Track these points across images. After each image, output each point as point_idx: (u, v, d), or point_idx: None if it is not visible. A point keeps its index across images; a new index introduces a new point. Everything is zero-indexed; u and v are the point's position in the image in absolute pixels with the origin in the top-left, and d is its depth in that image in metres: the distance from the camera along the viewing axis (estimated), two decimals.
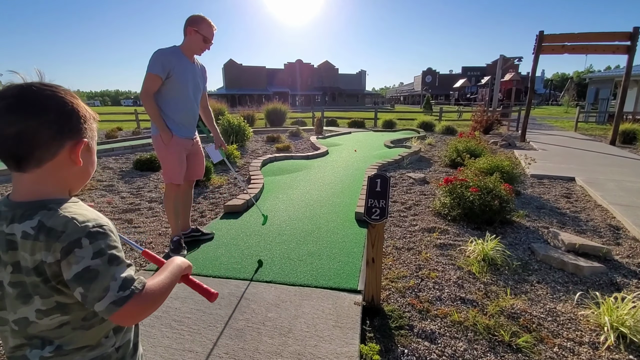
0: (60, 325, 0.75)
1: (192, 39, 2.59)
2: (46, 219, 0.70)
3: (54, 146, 0.72)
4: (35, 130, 0.70)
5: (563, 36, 10.14)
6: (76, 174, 0.80)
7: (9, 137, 0.69)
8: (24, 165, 0.72)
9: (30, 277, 0.70)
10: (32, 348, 0.76)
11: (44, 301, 0.72)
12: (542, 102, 56.33)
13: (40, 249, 0.68)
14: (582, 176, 5.74)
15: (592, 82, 21.87)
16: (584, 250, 2.93)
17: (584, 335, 1.97)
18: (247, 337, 1.83)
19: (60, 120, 0.73)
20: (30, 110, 0.70)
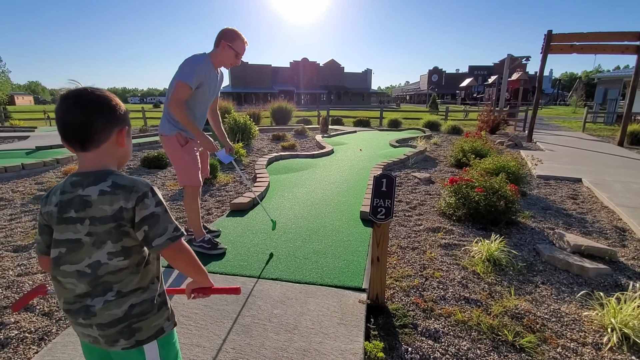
0: (120, 270, 0.97)
1: (225, 53, 2.60)
2: (118, 180, 0.95)
3: (105, 132, 0.97)
4: (92, 121, 0.94)
5: (572, 36, 10.04)
6: (121, 153, 1.05)
7: (74, 126, 0.94)
8: (87, 146, 0.96)
9: (106, 225, 0.93)
10: (95, 296, 0.96)
11: (113, 245, 0.95)
12: (550, 102, 55.78)
13: (119, 200, 0.93)
14: (589, 177, 5.70)
15: (600, 82, 21.62)
16: (590, 252, 2.93)
17: (588, 336, 1.97)
18: (253, 333, 1.87)
19: (108, 113, 0.97)
20: (89, 106, 0.94)
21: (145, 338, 1.02)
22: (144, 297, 1.01)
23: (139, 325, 1.00)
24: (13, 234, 3.40)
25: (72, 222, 0.95)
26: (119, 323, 0.98)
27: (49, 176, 5.77)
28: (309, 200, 4.32)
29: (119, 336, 0.98)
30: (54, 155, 7.09)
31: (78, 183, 0.96)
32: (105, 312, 0.96)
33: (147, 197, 0.95)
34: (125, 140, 1.04)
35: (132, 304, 0.99)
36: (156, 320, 1.04)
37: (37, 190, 4.93)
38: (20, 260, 2.85)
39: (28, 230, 3.47)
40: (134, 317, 0.99)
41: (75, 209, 0.94)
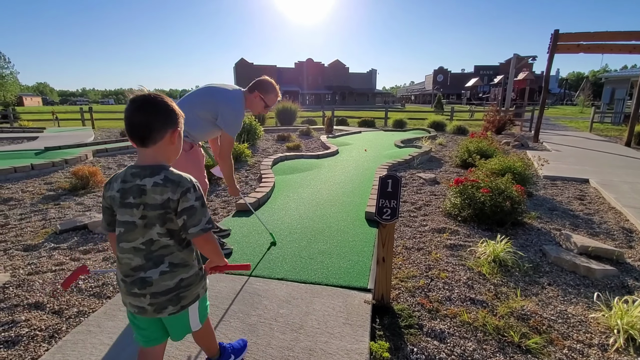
0: (168, 246, 1.20)
1: (256, 102, 2.67)
2: (169, 174, 1.17)
3: (161, 132, 1.17)
4: (152, 122, 1.16)
5: (579, 35, 9.95)
6: (172, 151, 1.26)
7: (138, 126, 1.15)
8: (146, 143, 1.17)
9: (156, 211, 1.16)
10: (150, 268, 1.19)
11: (160, 227, 1.18)
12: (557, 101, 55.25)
13: (167, 191, 1.14)
14: (596, 178, 5.65)
15: (608, 81, 21.37)
16: (597, 253, 2.91)
17: (594, 338, 1.97)
18: (259, 332, 1.89)
19: (165, 116, 1.18)
20: (150, 110, 1.16)
21: (187, 303, 1.27)
22: (191, 273, 1.26)
23: (185, 294, 1.25)
24: (23, 233, 3.46)
25: (130, 207, 1.16)
26: (170, 292, 1.21)
27: (57, 176, 5.85)
28: (315, 201, 4.33)
29: (168, 303, 1.22)
30: (63, 155, 7.18)
31: (137, 174, 1.17)
32: (160, 282, 1.20)
33: (190, 192, 1.17)
34: (176, 140, 1.24)
35: (182, 277, 1.24)
36: (196, 289, 1.30)
37: (46, 190, 5.01)
38: (30, 259, 2.90)
39: (38, 230, 3.53)
40: (182, 288, 1.24)
41: (133, 195, 1.15)
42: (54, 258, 2.92)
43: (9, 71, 32.83)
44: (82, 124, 16.90)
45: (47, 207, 4.27)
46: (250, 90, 2.66)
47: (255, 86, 2.65)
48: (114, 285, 2.49)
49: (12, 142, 10.51)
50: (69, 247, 3.14)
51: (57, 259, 2.89)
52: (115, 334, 1.88)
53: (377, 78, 66.20)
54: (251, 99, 2.67)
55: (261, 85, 2.64)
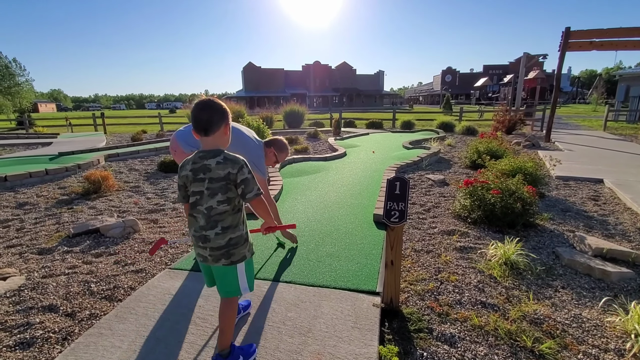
0: (224, 212, 1.57)
1: (269, 156, 3.00)
2: (227, 155, 1.56)
3: (219, 124, 1.56)
4: (212, 118, 1.55)
5: (591, 32, 9.76)
6: (226, 140, 1.64)
7: (203, 120, 1.54)
8: (208, 133, 1.55)
9: (219, 183, 1.54)
10: (210, 229, 1.56)
11: (222, 195, 1.55)
12: (569, 100, 54.25)
13: (227, 167, 1.53)
14: (611, 178, 5.52)
15: (622, 79, 20.88)
16: (612, 255, 2.83)
17: (610, 342, 1.91)
18: (267, 336, 1.88)
19: (221, 113, 1.57)
20: (210, 109, 1.55)
21: (236, 260, 1.61)
22: (237, 234, 1.61)
23: (233, 252, 1.60)
24: (38, 237, 3.53)
25: (200, 181, 1.55)
26: (223, 249, 1.58)
27: (70, 181, 5.97)
28: (322, 203, 4.33)
29: (222, 257, 1.59)
30: (76, 160, 7.33)
31: (203, 157, 1.56)
32: (216, 240, 1.56)
33: (244, 167, 1.56)
34: (228, 132, 1.62)
35: (230, 237, 1.59)
36: (243, 249, 1.63)
37: (59, 194, 5.11)
38: (45, 262, 2.96)
39: (52, 234, 3.60)
40: (231, 246, 1.59)
41: (202, 172, 1.55)
42: (67, 261, 2.97)
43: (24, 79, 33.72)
44: (95, 129, 17.24)
45: (60, 211, 4.36)
46: (267, 145, 3.02)
47: (272, 143, 3.03)
48: (125, 288, 2.52)
49: (27, 148, 10.78)
50: (81, 250, 3.19)
51: (70, 262, 2.95)
52: (126, 336, 1.90)
53: (384, 79, 65.98)
54: (266, 154, 3.00)
55: (276, 144, 3.03)
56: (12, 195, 5.06)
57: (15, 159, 8.10)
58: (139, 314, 2.11)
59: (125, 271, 2.79)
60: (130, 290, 2.50)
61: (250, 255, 1.69)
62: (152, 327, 1.97)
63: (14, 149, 10.72)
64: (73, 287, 2.52)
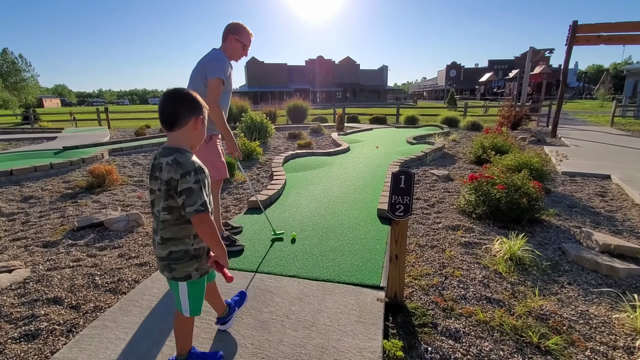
0: (165, 221, 1.38)
1: (234, 46, 2.67)
2: (178, 157, 1.33)
3: (187, 118, 1.38)
4: (178, 110, 1.37)
5: (599, 26, 9.59)
6: (196, 136, 1.46)
7: (167, 113, 1.37)
8: (174, 128, 1.38)
9: (164, 187, 1.34)
10: (155, 234, 1.43)
11: (163, 202, 1.36)
12: (575, 95, 53.61)
13: (172, 171, 1.31)
14: (619, 174, 5.45)
15: (630, 74, 20.59)
16: (620, 252, 2.79)
17: (619, 340, 1.89)
18: (271, 329, 1.88)
19: (189, 105, 1.39)
20: (177, 100, 1.37)
21: (178, 277, 1.43)
22: (180, 248, 1.41)
23: (174, 267, 1.42)
24: (43, 230, 3.55)
25: (155, 179, 1.39)
26: (164, 260, 1.42)
27: (75, 175, 5.99)
28: (326, 198, 4.31)
29: (164, 269, 1.44)
30: (80, 155, 7.35)
31: (162, 154, 1.38)
32: (158, 250, 1.43)
33: (189, 174, 1.31)
34: (200, 127, 1.44)
35: (171, 250, 1.41)
36: (186, 267, 1.43)
37: (64, 188, 5.13)
38: (50, 255, 2.97)
39: (56, 227, 3.62)
40: (172, 260, 1.42)
41: (158, 170, 1.37)
42: (72, 254, 2.98)
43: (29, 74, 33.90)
44: (99, 124, 17.29)
45: (65, 204, 4.38)
46: (224, 40, 2.68)
47: (226, 33, 2.66)
48: (129, 281, 2.53)
49: (32, 142, 10.83)
50: (85, 243, 3.20)
51: (74, 255, 2.96)
52: (130, 329, 1.91)
53: (388, 75, 65.63)
54: (228, 48, 2.68)
55: (232, 29, 2.65)
56: (17, 189, 5.09)
57: (21, 153, 8.14)
58: (143, 306, 2.11)
59: (130, 264, 2.79)
60: (134, 283, 2.50)
61: (199, 276, 1.47)
62: (156, 320, 1.98)
63: (20, 143, 10.78)
64: (78, 280, 2.53)
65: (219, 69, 2.54)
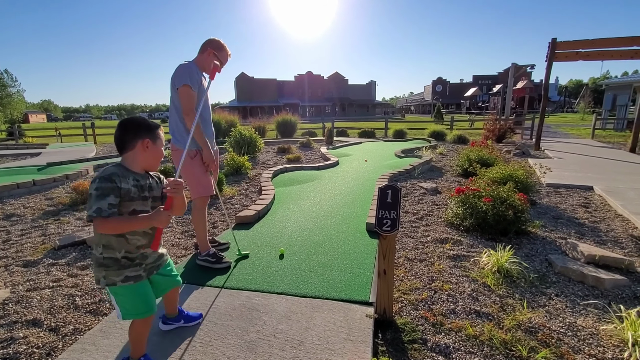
0: None
1: (210, 60, 2.67)
2: (106, 168, 1.51)
3: (133, 143, 1.53)
4: (124, 136, 1.54)
5: (577, 43, 9.98)
6: (147, 157, 1.58)
7: (116, 139, 1.55)
8: (122, 151, 1.54)
9: None
10: None
11: None
12: (557, 109, 55.37)
13: None
14: (601, 185, 5.58)
15: (608, 88, 21.39)
16: (605, 262, 2.83)
17: (607, 351, 1.89)
18: (258, 350, 1.83)
19: (133, 131, 1.54)
20: (122, 128, 1.55)
21: (96, 280, 1.54)
22: (95, 253, 1.53)
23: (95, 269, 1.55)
24: (23, 249, 3.43)
25: None
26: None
27: (58, 191, 5.85)
28: (315, 213, 4.29)
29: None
30: (64, 171, 7.20)
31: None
32: None
33: (94, 181, 1.44)
34: (150, 147, 1.56)
35: (93, 253, 1.55)
36: (97, 272, 1.53)
37: (46, 205, 4.99)
38: (30, 275, 2.87)
39: (37, 246, 3.50)
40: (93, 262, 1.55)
41: None
42: (52, 274, 2.88)
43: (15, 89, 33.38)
44: (85, 139, 17.04)
45: (47, 222, 4.25)
46: (202, 51, 2.68)
47: (206, 45, 2.68)
48: (110, 301, 2.44)
49: (16, 159, 10.58)
50: (67, 262, 3.10)
51: (55, 275, 2.85)
52: (110, 352, 1.83)
53: (376, 89, 66.72)
54: (205, 59, 2.68)
55: (212, 44, 2.68)
56: None
57: (3, 169, 7.93)
58: (124, 328, 2.03)
59: None
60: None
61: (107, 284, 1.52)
62: None
63: (3, 159, 10.52)
64: (57, 301, 2.44)
65: (184, 76, 2.53)
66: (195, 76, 2.59)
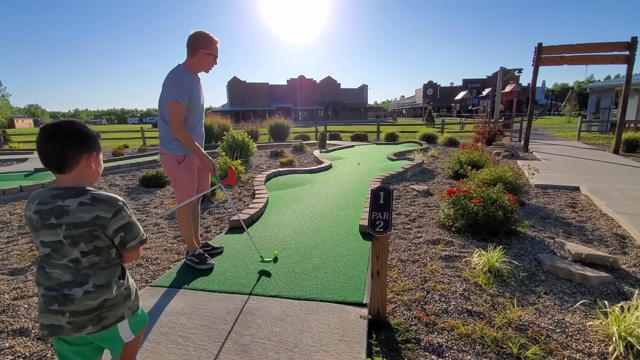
0: (93, 265, 1.21)
1: (205, 60, 2.64)
2: (96, 195, 1.19)
3: (77, 157, 1.18)
4: (66, 150, 1.16)
5: (562, 47, 10.25)
6: (92, 174, 1.27)
7: (51, 154, 1.16)
8: (63, 170, 1.18)
9: (81, 229, 1.16)
10: (75, 286, 1.18)
11: (85, 245, 1.18)
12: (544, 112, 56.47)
13: (98, 210, 1.17)
14: (587, 185, 5.72)
15: (593, 91, 21.96)
16: (591, 260, 2.91)
17: (593, 346, 1.94)
18: (252, 353, 1.83)
19: (79, 141, 1.19)
20: (62, 137, 1.16)
21: (109, 324, 1.26)
22: (115, 293, 1.26)
23: (107, 314, 1.25)
24: (9, 256, 3.37)
25: (53, 227, 1.16)
26: (92, 312, 1.21)
27: None
28: (308, 216, 4.31)
29: (88, 323, 1.21)
30: (52, 176, 7.07)
31: (58, 195, 1.17)
32: (83, 302, 1.19)
33: (123, 210, 1.22)
34: (94, 163, 1.25)
35: (106, 298, 1.23)
36: (120, 310, 1.29)
37: None
38: (17, 283, 2.82)
39: (25, 253, 3.44)
40: (105, 308, 1.24)
41: (54, 216, 1.16)
42: None
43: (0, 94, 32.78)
44: None
45: None
46: (192, 54, 2.60)
47: (195, 46, 2.58)
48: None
49: (1, 164, 10.38)
50: None
51: None
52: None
53: (368, 93, 67.27)
54: (197, 62, 2.62)
55: (200, 42, 2.57)
56: None
57: None
58: None
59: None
60: None
61: (131, 313, 1.35)
62: None
63: None
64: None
65: (174, 91, 2.50)
66: (185, 87, 2.54)
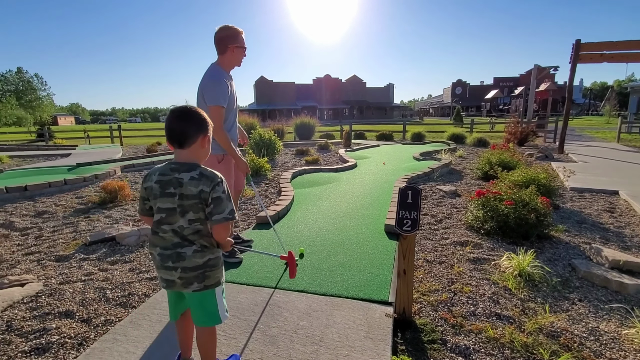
0: (196, 232, 1.41)
1: (236, 55, 2.65)
2: (203, 171, 1.40)
3: (195, 137, 1.41)
4: (187, 129, 1.39)
5: (601, 44, 9.70)
6: (203, 153, 1.48)
7: (176, 132, 1.39)
8: (184, 146, 1.40)
9: (190, 200, 1.37)
10: (186, 246, 1.39)
11: (193, 214, 1.39)
12: (581, 112, 53.51)
13: (201, 184, 1.36)
14: (627, 190, 5.40)
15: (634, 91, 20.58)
16: (629, 267, 2.77)
17: (628, 355, 1.86)
18: (280, 344, 1.89)
19: (198, 124, 1.42)
20: (186, 119, 1.40)
21: (210, 284, 1.45)
22: (216, 254, 1.47)
23: (209, 274, 1.44)
24: (56, 244, 3.63)
25: (170, 196, 1.38)
26: (196, 270, 1.40)
27: (88, 190, 6.12)
28: (333, 214, 4.34)
29: (194, 280, 1.41)
30: (93, 171, 7.52)
31: (175, 169, 1.39)
32: (192, 259, 1.39)
33: (219, 185, 1.38)
34: (207, 144, 1.47)
35: (209, 257, 1.44)
36: (218, 272, 1.48)
37: (77, 203, 5.24)
38: (62, 269, 3.03)
39: (69, 241, 3.69)
40: (208, 267, 1.43)
41: (173, 186, 1.38)
42: (84, 268, 3.04)
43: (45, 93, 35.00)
44: (111, 141, 17.68)
45: (78, 219, 4.47)
46: (223, 51, 2.61)
47: (224, 43, 2.58)
48: (139, 295, 2.56)
49: (47, 159, 11.11)
50: (97, 258, 3.26)
51: (86, 269, 3.01)
52: (140, 342, 1.93)
53: (394, 92, 66.28)
54: (230, 58, 2.63)
55: (229, 38, 2.58)
56: (31, 204, 5.21)
57: (35, 169, 8.35)
58: (153, 320, 2.13)
59: (140, 278, 2.84)
60: (144, 297, 2.54)
61: (223, 281, 1.53)
62: (166, 334, 2.00)
63: (34, 159, 11.07)
64: (89, 294, 2.57)
65: (217, 95, 2.52)
66: (225, 89, 2.57)
